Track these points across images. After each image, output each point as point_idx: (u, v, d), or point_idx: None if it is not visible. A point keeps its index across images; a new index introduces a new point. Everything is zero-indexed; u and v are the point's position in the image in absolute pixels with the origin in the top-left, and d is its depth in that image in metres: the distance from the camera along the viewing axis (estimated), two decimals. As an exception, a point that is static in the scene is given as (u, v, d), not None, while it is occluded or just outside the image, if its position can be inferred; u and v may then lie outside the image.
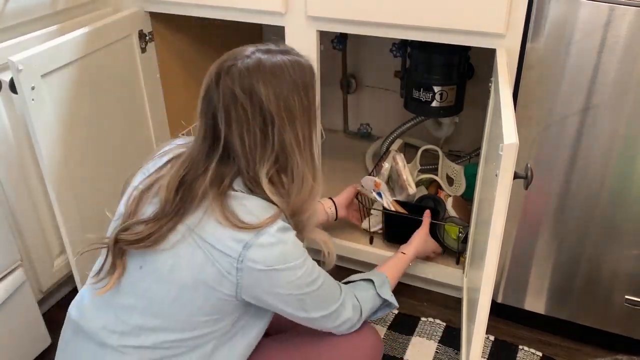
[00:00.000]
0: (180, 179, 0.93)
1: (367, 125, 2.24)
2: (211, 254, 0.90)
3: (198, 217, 0.91)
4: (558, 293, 1.42)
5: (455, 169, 1.85)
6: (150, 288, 0.93)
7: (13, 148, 1.34)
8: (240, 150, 0.92)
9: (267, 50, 0.95)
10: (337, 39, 2.02)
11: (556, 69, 1.19)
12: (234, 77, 0.90)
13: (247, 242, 0.89)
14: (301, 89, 0.93)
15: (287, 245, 0.92)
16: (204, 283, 0.91)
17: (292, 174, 0.95)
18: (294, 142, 0.93)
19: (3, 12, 1.27)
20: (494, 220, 0.93)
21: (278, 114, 0.90)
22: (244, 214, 0.90)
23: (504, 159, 0.89)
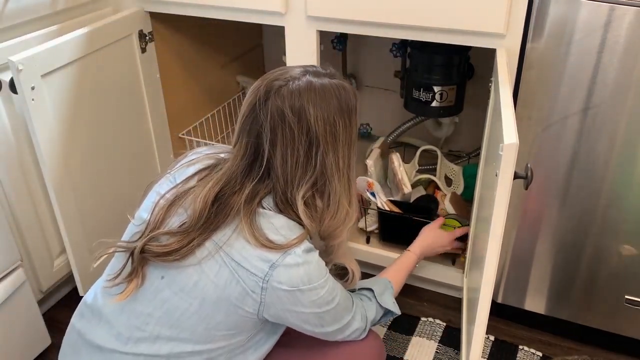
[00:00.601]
0: (216, 194, 0.93)
1: (367, 125, 2.24)
2: (237, 272, 0.90)
3: (227, 234, 0.91)
4: (558, 293, 1.42)
5: (454, 170, 1.84)
6: (170, 299, 0.93)
7: (13, 148, 1.34)
8: (281, 171, 0.92)
9: (316, 73, 0.95)
10: (337, 39, 2.02)
11: (556, 69, 1.19)
12: (284, 97, 0.90)
13: (274, 263, 0.89)
14: (345, 113, 0.94)
15: (312, 266, 0.92)
16: (227, 300, 0.91)
17: (328, 199, 0.96)
18: (335, 166, 0.94)
19: (3, 12, 1.27)
20: (494, 220, 0.93)
21: (324, 136, 0.91)
22: (271, 233, 0.91)
23: (504, 159, 0.89)
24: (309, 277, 0.92)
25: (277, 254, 0.90)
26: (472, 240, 1.46)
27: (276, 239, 0.90)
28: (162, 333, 0.93)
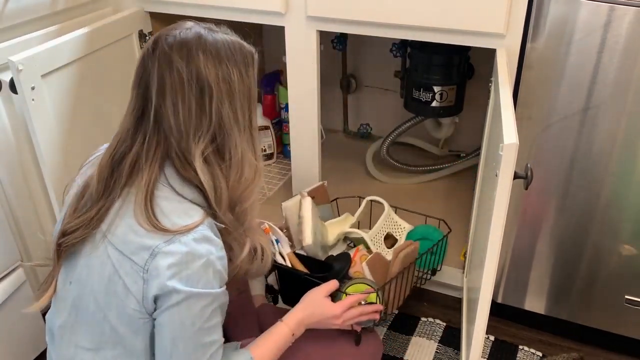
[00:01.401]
0: (110, 156, 0.89)
1: (367, 125, 2.24)
2: (119, 263, 0.84)
3: (111, 217, 0.86)
4: (558, 293, 1.42)
5: (401, 227, 1.55)
6: (76, 302, 0.90)
7: (13, 148, 1.34)
8: (174, 123, 0.85)
9: (209, 28, 0.90)
10: (337, 39, 2.03)
11: (556, 69, 1.19)
12: (172, 44, 0.85)
13: (153, 249, 0.82)
14: (241, 64, 0.89)
15: (196, 265, 0.82)
16: (115, 295, 0.85)
17: (230, 154, 0.88)
18: (233, 119, 0.88)
19: (3, 12, 1.27)
20: (494, 220, 0.93)
21: (216, 83, 0.85)
22: (161, 215, 0.84)
23: (504, 159, 0.89)
24: (188, 277, 0.82)
25: (160, 239, 0.82)
26: (472, 240, 1.46)
27: (162, 225, 0.83)
28: (81, 339, 0.90)
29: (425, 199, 1.89)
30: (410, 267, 1.30)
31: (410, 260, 1.30)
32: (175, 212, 0.85)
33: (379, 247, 1.47)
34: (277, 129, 2.09)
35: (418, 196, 1.90)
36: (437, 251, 1.45)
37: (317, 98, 1.48)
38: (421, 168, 2.00)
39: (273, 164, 2.08)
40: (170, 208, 0.85)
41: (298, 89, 1.49)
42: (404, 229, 1.53)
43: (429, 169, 2.00)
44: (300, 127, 1.54)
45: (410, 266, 1.30)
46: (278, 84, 2.06)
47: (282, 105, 2.06)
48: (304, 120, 1.52)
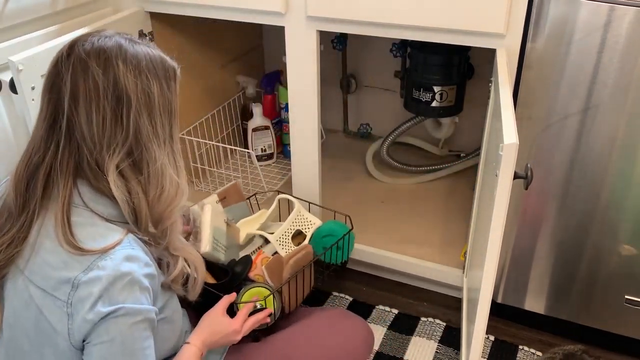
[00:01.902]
0: (26, 169, 0.84)
1: (367, 125, 2.24)
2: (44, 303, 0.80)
3: (28, 251, 0.81)
4: (558, 293, 1.42)
5: (311, 224, 1.52)
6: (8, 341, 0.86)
7: (13, 148, 1.34)
8: (87, 132, 0.80)
9: (130, 39, 0.86)
10: (337, 39, 2.02)
11: (556, 69, 1.19)
12: (89, 49, 0.81)
13: (73, 281, 0.78)
14: (162, 79, 0.85)
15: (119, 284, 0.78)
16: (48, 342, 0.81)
17: (148, 169, 0.84)
18: (152, 132, 0.83)
19: (3, 12, 1.27)
20: (494, 220, 0.93)
21: (135, 93, 0.81)
22: (82, 240, 0.80)
23: (504, 159, 0.89)
24: (111, 298, 0.78)
25: (77, 270, 0.78)
26: (472, 240, 1.46)
27: (81, 245, 0.79)
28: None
29: (425, 199, 1.89)
30: (306, 269, 1.33)
31: (303, 264, 1.32)
32: (90, 237, 0.81)
33: (286, 246, 1.48)
34: (277, 129, 2.09)
35: (418, 196, 1.90)
36: (342, 245, 1.47)
37: (317, 98, 1.48)
38: (421, 168, 2.00)
39: (273, 164, 2.08)
40: (85, 234, 0.81)
41: (298, 89, 1.49)
42: (313, 225, 1.52)
43: (429, 169, 2.00)
44: (300, 127, 1.54)
45: (305, 269, 1.33)
46: (278, 84, 2.06)
47: (282, 105, 2.06)
48: (304, 120, 1.52)
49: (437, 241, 1.68)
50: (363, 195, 1.91)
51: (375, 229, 1.70)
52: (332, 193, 1.87)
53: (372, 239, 1.64)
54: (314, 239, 1.49)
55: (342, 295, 1.65)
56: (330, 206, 1.59)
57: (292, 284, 1.28)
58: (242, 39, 2.07)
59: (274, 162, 2.09)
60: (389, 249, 1.63)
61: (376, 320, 1.56)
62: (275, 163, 2.09)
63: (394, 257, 1.62)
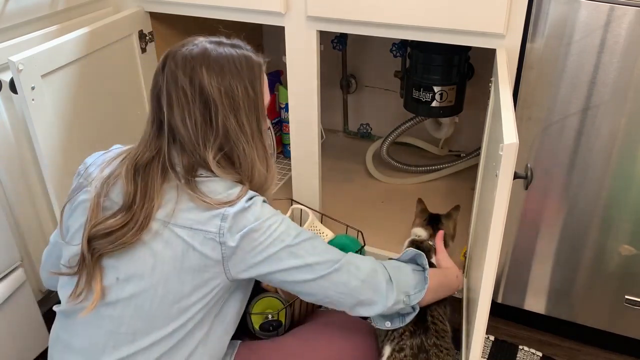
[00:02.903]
0: (134, 165, 0.94)
1: (367, 125, 2.24)
2: (192, 238, 0.90)
3: (170, 208, 0.91)
4: (558, 293, 1.42)
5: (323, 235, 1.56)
6: (134, 294, 0.92)
7: (13, 148, 1.34)
8: (184, 134, 0.92)
9: (217, 42, 0.96)
10: (337, 39, 2.03)
11: (556, 69, 1.19)
12: (178, 61, 0.92)
13: (223, 214, 0.90)
14: (246, 79, 0.94)
15: (256, 207, 0.93)
16: (190, 269, 0.91)
17: (239, 161, 0.96)
18: (239, 131, 0.94)
19: (3, 12, 1.27)
20: (494, 220, 0.93)
21: (219, 99, 0.91)
22: (214, 195, 0.92)
23: (504, 159, 0.89)
24: (255, 216, 0.91)
25: (224, 207, 0.90)
26: (472, 240, 1.46)
27: (220, 198, 0.91)
28: (138, 328, 0.93)
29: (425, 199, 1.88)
30: None
31: None
32: (222, 188, 0.93)
33: None
34: (277, 129, 2.09)
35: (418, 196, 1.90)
36: None
37: (317, 98, 1.48)
38: (421, 168, 2.00)
39: (273, 164, 2.08)
40: (217, 186, 0.93)
41: (298, 89, 1.49)
42: (325, 237, 1.55)
43: (429, 169, 2.00)
44: (300, 127, 1.54)
45: None
46: (278, 84, 2.06)
47: (282, 105, 2.06)
48: (304, 120, 1.52)
49: (437, 241, 1.68)
50: (363, 195, 1.91)
51: (375, 229, 1.70)
52: (332, 193, 1.87)
53: (372, 239, 1.64)
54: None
55: (342, 295, 1.64)
56: (330, 206, 1.59)
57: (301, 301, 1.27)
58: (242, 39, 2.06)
59: (274, 162, 2.09)
60: (389, 249, 1.63)
61: (376, 320, 1.56)
62: (275, 163, 2.08)
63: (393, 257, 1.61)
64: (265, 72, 0.99)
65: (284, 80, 1.99)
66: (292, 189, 1.66)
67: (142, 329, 0.93)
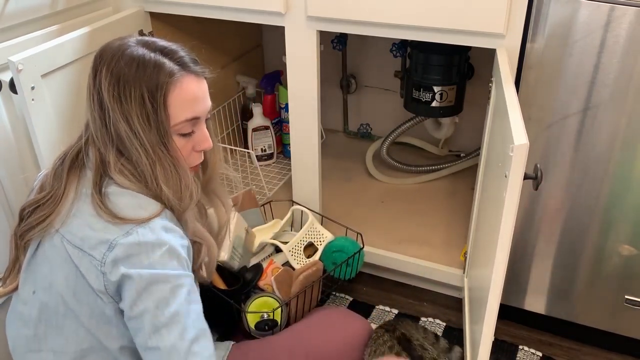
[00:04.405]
0: (62, 156, 0.94)
1: (367, 125, 2.24)
2: (79, 260, 0.84)
3: (70, 219, 0.87)
4: (558, 293, 1.42)
5: (323, 237, 1.55)
6: (42, 309, 0.89)
7: (13, 148, 1.34)
8: (92, 129, 0.90)
9: (144, 43, 0.90)
10: (337, 39, 2.02)
11: (556, 69, 1.19)
12: (96, 55, 0.90)
13: (111, 242, 0.82)
14: (145, 86, 0.85)
15: (159, 251, 0.82)
16: (84, 293, 0.85)
17: (140, 169, 0.89)
18: (133, 137, 0.86)
19: (3, 12, 1.27)
20: (503, 220, 0.92)
21: (109, 102, 0.86)
22: (118, 209, 0.85)
23: (514, 160, 0.88)
24: (150, 262, 0.81)
25: (117, 232, 0.82)
26: (473, 240, 1.46)
27: (122, 214, 0.84)
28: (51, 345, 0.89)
29: (425, 199, 1.89)
30: (315, 285, 1.36)
31: (312, 279, 1.35)
32: (129, 206, 0.85)
33: (297, 257, 1.50)
34: (277, 129, 2.09)
35: (418, 196, 1.90)
36: (352, 263, 1.51)
37: (317, 98, 1.48)
38: (421, 168, 2.00)
39: (273, 164, 2.08)
40: (125, 202, 0.86)
41: (298, 89, 1.49)
42: (325, 239, 1.55)
43: (429, 169, 2.00)
44: (300, 127, 1.54)
45: (315, 284, 1.35)
46: (278, 84, 2.06)
47: (282, 105, 2.06)
48: (304, 120, 1.52)
49: (437, 241, 1.68)
50: (363, 195, 1.91)
51: (375, 229, 1.70)
52: (332, 193, 1.87)
53: (372, 239, 1.64)
54: (325, 252, 1.50)
55: (342, 295, 1.65)
56: (329, 206, 1.59)
57: (300, 298, 1.29)
58: (242, 39, 2.07)
59: (274, 162, 2.09)
60: (389, 249, 1.63)
61: (376, 320, 1.56)
62: (275, 163, 2.09)
63: (394, 257, 1.62)
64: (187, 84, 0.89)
65: (284, 80, 1.99)
66: (292, 189, 1.66)
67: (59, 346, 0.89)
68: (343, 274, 1.51)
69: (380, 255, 1.62)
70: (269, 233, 1.55)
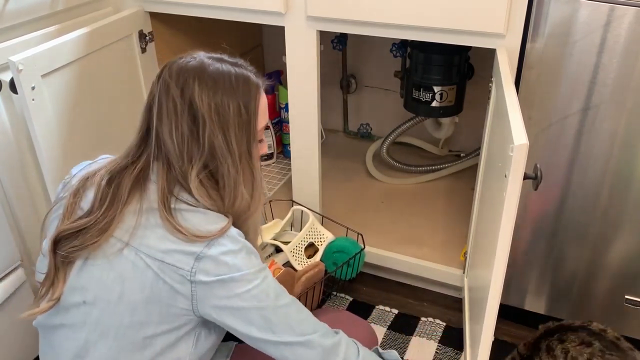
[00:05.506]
0: (111, 171, 0.92)
1: (367, 125, 2.24)
2: (162, 270, 0.86)
3: (140, 233, 0.88)
4: (558, 293, 1.42)
5: (324, 237, 1.57)
6: (101, 320, 0.90)
7: (13, 148, 1.34)
8: (170, 146, 0.90)
9: (218, 58, 0.94)
10: (337, 39, 2.02)
11: (556, 69, 1.19)
12: (173, 72, 0.91)
13: (198, 254, 0.86)
14: (241, 98, 0.91)
15: (242, 255, 0.88)
16: (158, 301, 0.87)
17: (223, 182, 0.92)
18: (225, 149, 0.90)
19: (3, 12, 1.27)
20: (503, 220, 0.92)
21: (209, 114, 0.89)
22: (192, 226, 0.88)
23: (514, 160, 0.88)
24: (236, 266, 0.87)
25: (201, 245, 0.86)
26: (473, 240, 1.46)
27: (198, 231, 0.87)
28: (103, 355, 0.90)
29: (425, 199, 1.89)
30: (316, 286, 1.37)
31: (314, 281, 1.36)
32: (203, 222, 0.89)
33: (298, 257, 1.51)
34: (277, 129, 2.09)
35: (418, 196, 1.91)
36: (352, 263, 1.51)
37: (317, 98, 1.48)
38: (421, 168, 2.00)
39: (273, 164, 2.08)
40: (197, 219, 0.89)
41: (298, 89, 1.49)
42: (326, 239, 1.55)
43: (429, 169, 2.00)
44: (300, 127, 1.54)
45: (316, 285, 1.37)
46: (278, 84, 2.06)
47: (282, 105, 2.06)
48: (304, 120, 1.52)
49: (437, 241, 1.68)
50: (363, 195, 1.91)
51: (375, 229, 1.70)
52: (332, 193, 1.87)
53: (372, 239, 1.64)
54: (325, 253, 1.51)
55: (342, 295, 1.65)
56: (329, 206, 1.59)
57: (302, 299, 1.29)
58: (242, 39, 2.07)
59: (274, 162, 2.09)
60: (388, 249, 1.63)
61: (376, 320, 1.56)
62: (275, 163, 2.09)
63: (394, 257, 1.62)
64: (263, 94, 0.96)
65: (284, 80, 1.99)
66: (292, 189, 1.66)
67: (109, 356, 0.90)
68: (344, 275, 1.51)
69: (380, 255, 1.62)
70: (270, 233, 1.55)
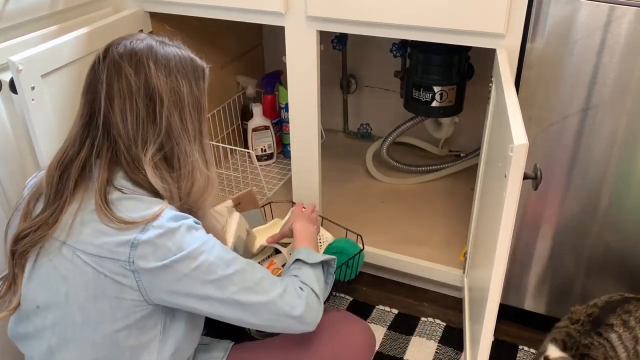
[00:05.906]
0: (58, 160, 0.90)
1: (367, 125, 2.24)
2: (100, 265, 0.84)
3: (77, 229, 0.86)
4: (558, 293, 1.42)
5: (323, 239, 1.57)
6: (56, 323, 0.89)
7: (13, 148, 1.34)
8: (122, 127, 0.87)
9: (162, 42, 0.93)
10: (337, 39, 2.03)
11: (556, 69, 1.19)
12: (122, 53, 0.88)
13: (132, 242, 0.83)
14: (191, 77, 0.92)
15: (179, 232, 0.85)
16: (105, 297, 0.85)
17: (179, 163, 0.91)
18: (181, 129, 0.90)
19: (3, 12, 1.27)
20: (503, 220, 0.92)
21: (166, 93, 0.88)
22: (125, 213, 0.85)
23: (514, 160, 0.88)
24: (177, 245, 0.84)
25: (135, 232, 0.83)
26: (473, 240, 1.46)
27: (132, 217, 0.84)
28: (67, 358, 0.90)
29: (425, 199, 1.89)
30: None
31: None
32: (138, 208, 0.86)
33: None
34: (277, 129, 2.09)
35: (418, 196, 1.91)
36: (352, 264, 1.51)
37: (317, 98, 1.48)
38: (421, 168, 2.00)
39: (273, 164, 2.08)
40: (132, 206, 0.87)
41: (298, 89, 1.49)
42: (325, 240, 1.55)
43: (429, 169, 2.00)
44: (300, 127, 1.54)
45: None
46: (278, 84, 2.06)
47: (282, 105, 2.06)
48: (304, 120, 1.52)
49: (437, 241, 1.68)
50: (363, 196, 1.91)
51: (374, 229, 1.70)
52: (332, 193, 1.87)
53: (372, 239, 1.64)
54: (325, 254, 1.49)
55: (341, 295, 1.65)
56: (329, 206, 1.59)
57: None
58: (242, 39, 2.07)
59: (274, 162, 2.09)
60: (388, 249, 1.63)
61: (376, 320, 1.56)
62: (275, 163, 2.09)
63: (394, 257, 1.62)
64: (207, 77, 0.96)
65: (284, 80, 1.99)
66: (292, 189, 1.66)
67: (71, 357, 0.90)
68: (343, 276, 1.51)
69: (380, 256, 1.62)
70: (269, 233, 1.55)
